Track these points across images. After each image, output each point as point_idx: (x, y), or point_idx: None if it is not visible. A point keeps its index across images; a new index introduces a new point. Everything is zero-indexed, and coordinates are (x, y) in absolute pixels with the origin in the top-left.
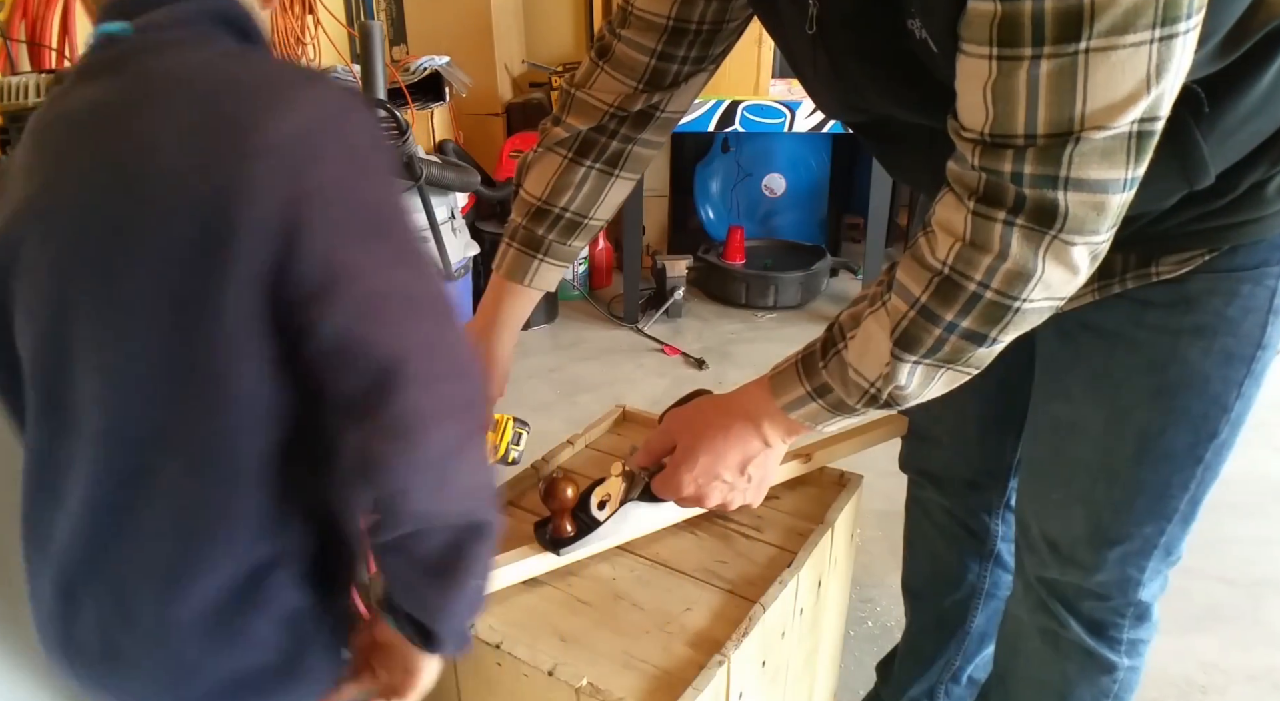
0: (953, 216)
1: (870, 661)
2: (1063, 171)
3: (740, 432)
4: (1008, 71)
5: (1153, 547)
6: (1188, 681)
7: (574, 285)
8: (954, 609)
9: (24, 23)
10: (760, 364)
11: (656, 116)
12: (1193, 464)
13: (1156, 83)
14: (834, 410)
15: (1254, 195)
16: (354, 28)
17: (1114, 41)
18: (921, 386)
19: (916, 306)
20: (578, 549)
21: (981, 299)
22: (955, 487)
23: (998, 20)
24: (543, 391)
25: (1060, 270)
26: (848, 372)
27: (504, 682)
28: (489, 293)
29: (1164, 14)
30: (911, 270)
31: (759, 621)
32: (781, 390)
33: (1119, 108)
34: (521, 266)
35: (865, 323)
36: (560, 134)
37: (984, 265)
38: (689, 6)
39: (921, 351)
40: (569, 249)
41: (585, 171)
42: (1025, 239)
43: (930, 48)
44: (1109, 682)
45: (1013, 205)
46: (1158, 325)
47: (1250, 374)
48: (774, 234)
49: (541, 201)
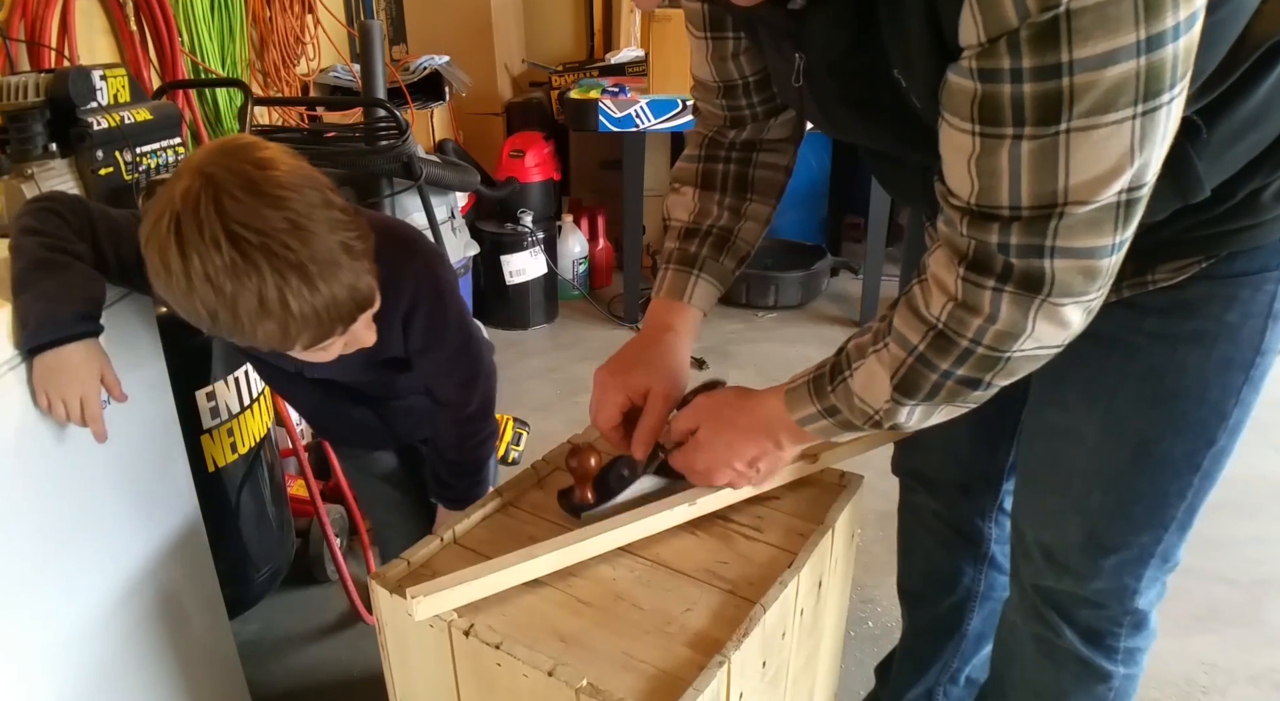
0: (945, 276)
1: (871, 662)
2: (1049, 242)
3: (756, 434)
4: (990, 148)
5: (1149, 556)
6: (1188, 681)
7: (574, 285)
8: (950, 612)
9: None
10: (760, 364)
11: (761, 143)
12: (1190, 472)
13: (1140, 154)
14: (842, 428)
15: (1251, 202)
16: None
17: (1095, 121)
18: (921, 420)
19: (914, 354)
20: (596, 514)
21: (974, 353)
22: (947, 491)
23: (978, 99)
24: (543, 391)
25: (1051, 327)
26: (853, 400)
27: (504, 682)
28: (649, 322)
29: (1145, 89)
30: (908, 320)
31: (759, 622)
32: (795, 406)
33: (1102, 181)
34: (679, 284)
35: (869, 360)
36: (685, 168)
37: (975, 325)
38: (724, 68)
39: (921, 395)
40: (722, 267)
41: (719, 196)
42: (1014, 304)
43: (913, 100)
44: (1104, 691)
45: (1001, 273)
46: (1155, 332)
47: (1249, 380)
48: (774, 234)
49: (689, 224)
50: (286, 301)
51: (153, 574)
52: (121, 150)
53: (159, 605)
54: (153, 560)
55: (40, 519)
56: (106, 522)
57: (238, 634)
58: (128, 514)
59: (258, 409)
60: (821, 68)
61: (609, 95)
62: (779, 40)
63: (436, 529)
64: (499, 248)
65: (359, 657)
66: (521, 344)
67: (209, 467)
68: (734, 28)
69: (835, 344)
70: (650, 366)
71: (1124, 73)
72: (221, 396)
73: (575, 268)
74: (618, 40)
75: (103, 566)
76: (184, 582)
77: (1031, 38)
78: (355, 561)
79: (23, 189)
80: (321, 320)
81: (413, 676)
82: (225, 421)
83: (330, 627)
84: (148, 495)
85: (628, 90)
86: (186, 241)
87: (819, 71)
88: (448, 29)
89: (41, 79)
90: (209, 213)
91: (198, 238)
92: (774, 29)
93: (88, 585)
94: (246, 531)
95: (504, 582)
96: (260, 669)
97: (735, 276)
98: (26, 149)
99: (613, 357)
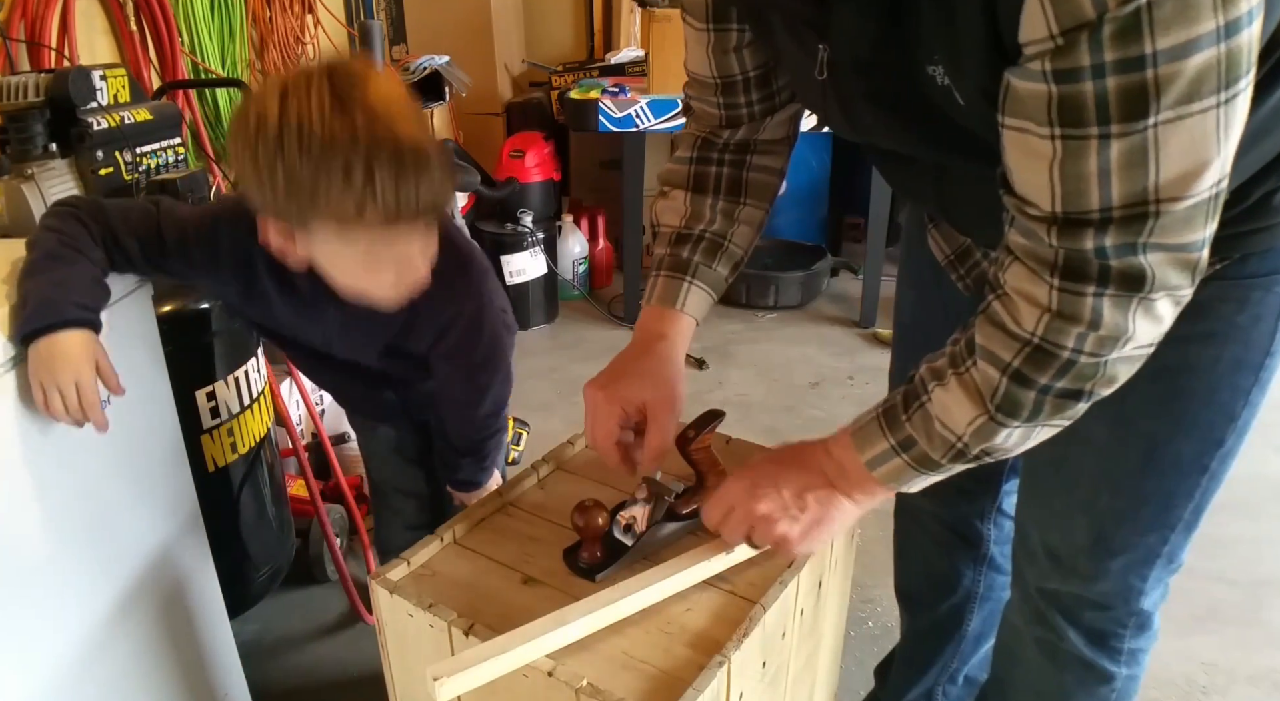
0: (1033, 289)
1: (871, 662)
2: (1145, 238)
3: (804, 470)
4: (1075, 151)
5: (1156, 557)
6: (1188, 681)
7: (574, 285)
8: (949, 613)
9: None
10: (761, 364)
11: (755, 144)
12: (1198, 473)
13: (1225, 143)
14: (917, 466)
15: (1264, 205)
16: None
17: (1182, 112)
18: (1019, 443)
19: (1008, 372)
20: (610, 573)
21: (1076, 364)
22: (945, 494)
23: (1055, 102)
24: (543, 391)
25: (1148, 324)
26: (933, 426)
27: (504, 683)
28: (640, 331)
29: (1227, 77)
30: (995, 337)
31: (759, 622)
32: (864, 445)
33: (1194, 175)
34: (671, 291)
35: (950, 383)
36: (675, 170)
37: (1075, 334)
38: (725, 62)
39: (1024, 415)
40: (715, 273)
41: (711, 200)
42: (1116, 306)
43: (955, 98)
44: (1107, 692)
45: (1099, 277)
46: (1167, 332)
47: (1258, 382)
48: (774, 234)
49: (681, 228)
50: (372, 171)
51: (153, 574)
52: (121, 150)
53: (159, 605)
54: (153, 560)
55: (41, 519)
56: (107, 522)
57: (238, 634)
58: (128, 514)
59: (258, 409)
60: (846, 62)
61: (609, 95)
62: (799, 31)
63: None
64: (499, 248)
65: (359, 657)
66: (521, 344)
67: (209, 467)
68: (738, 19)
69: (836, 344)
70: (644, 378)
71: (1206, 60)
72: (221, 396)
73: (575, 268)
74: (618, 40)
75: (103, 566)
76: (184, 583)
77: (1114, 32)
78: (355, 561)
79: (23, 189)
80: (397, 206)
81: (413, 676)
82: (225, 421)
83: (330, 627)
84: (148, 495)
85: (628, 90)
86: (290, 93)
87: (843, 66)
88: (448, 29)
89: (41, 79)
90: (320, 80)
91: (304, 91)
92: (794, 18)
93: (88, 585)
94: (246, 531)
95: (529, 656)
96: (260, 669)
97: (729, 283)
98: (26, 149)
99: (603, 372)
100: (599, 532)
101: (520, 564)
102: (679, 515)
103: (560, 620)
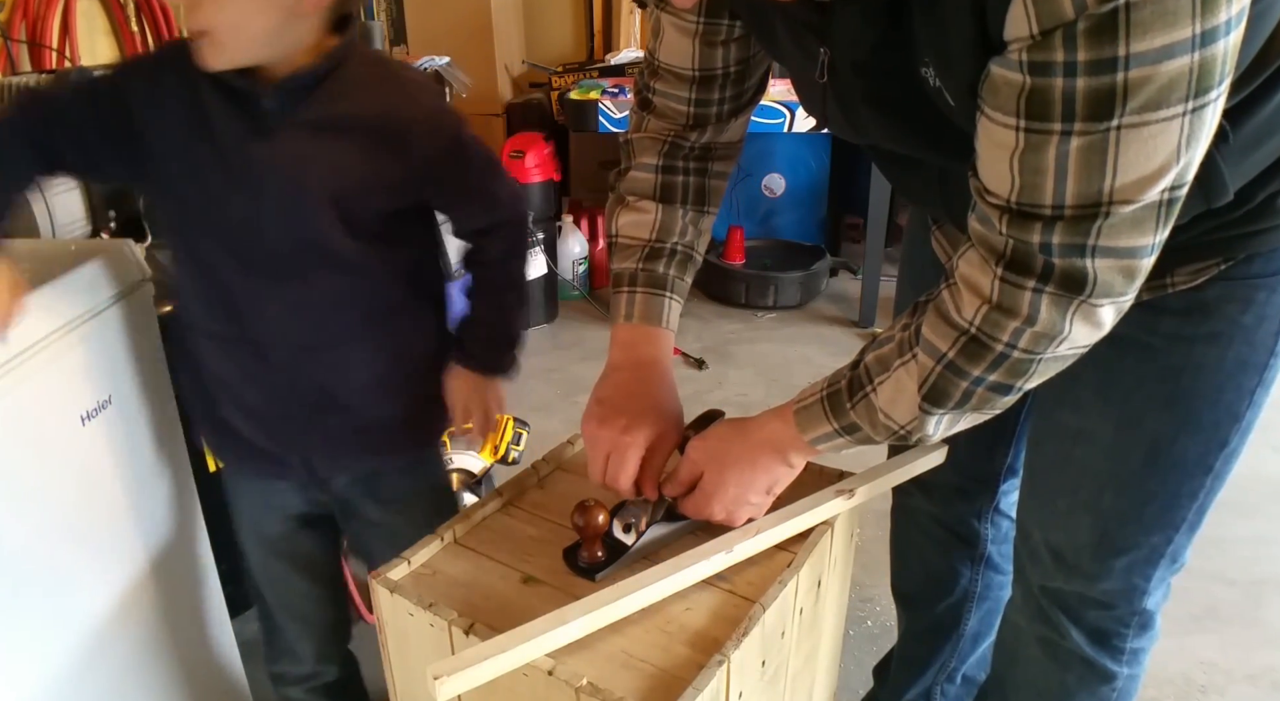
0: (979, 278)
1: (870, 661)
2: (1091, 241)
3: (767, 463)
4: (1036, 145)
5: (1160, 556)
6: (1187, 681)
7: (574, 285)
8: (947, 613)
9: (24, 23)
10: (760, 364)
11: (715, 149)
12: (1203, 473)
13: (1186, 152)
14: (859, 443)
15: (1269, 205)
16: None
17: (1146, 118)
18: (946, 430)
19: (943, 362)
20: (609, 572)
21: (1009, 358)
22: (943, 494)
23: (1025, 93)
24: (543, 391)
25: (1086, 327)
26: (877, 416)
27: (504, 682)
28: (622, 349)
29: (1197, 86)
30: (937, 327)
31: (759, 621)
32: (807, 426)
33: (1149, 180)
34: (654, 309)
35: (897, 372)
36: (641, 179)
37: (1011, 328)
38: (710, 55)
39: (950, 404)
40: (685, 285)
41: (681, 211)
42: (1054, 305)
43: (947, 100)
44: (1108, 691)
45: (1041, 273)
46: (1171, 332)
47: (1263, 382)
48: (774, 234)
49: (653, 242)
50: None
51: (153, 573)
52: None
53: (159, 604)
54: (154, 559)
55: (41, 519)
56: (107, 522)
57: (238, 634)
58: (128, 513)
59: None
60: (846, 64)
61: (609, 96)
62: (800, 34)
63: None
64: None
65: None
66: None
67: (209, 467)
68: (732, 17)
69: (835, 344)
70: (652, 412)
71: (1179, 68)
72: None
73: (575, 268)
74: (618, 41)
75: (104, 566)
76: (185, 582)
77: (1088, 30)
78: (355, 560)
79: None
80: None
81: (413, 675)
82: None
83: None
84: (148, 495)
85: (628, 91)
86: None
87: (844, 68)
88: (448, 30)
89: (42, 79)
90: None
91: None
92: (796, 22)
93: (89, 584)
94: None
95: (529, 655)
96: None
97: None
98: None
99: (600, 403)
100: (599, 532)
101: (520, 563)
102: (679, 515)
103: (560, 619)
